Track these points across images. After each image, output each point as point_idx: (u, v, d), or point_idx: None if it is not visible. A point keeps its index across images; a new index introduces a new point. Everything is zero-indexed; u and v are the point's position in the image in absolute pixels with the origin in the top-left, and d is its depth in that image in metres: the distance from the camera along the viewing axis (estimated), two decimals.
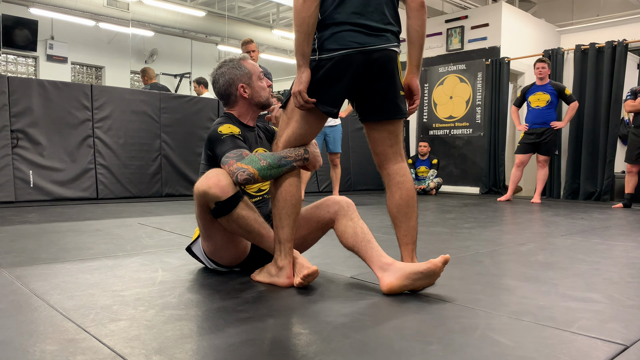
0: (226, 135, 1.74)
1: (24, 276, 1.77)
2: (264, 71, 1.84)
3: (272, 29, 11.54)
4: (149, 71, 6.44)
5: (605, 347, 1.17)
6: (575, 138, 6.31)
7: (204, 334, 1.21)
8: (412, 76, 1.76)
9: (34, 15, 9.57)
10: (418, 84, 1.78)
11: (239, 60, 1.90)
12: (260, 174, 1.63)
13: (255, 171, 1.63)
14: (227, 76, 1.87)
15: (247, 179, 1.63)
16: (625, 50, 5.94)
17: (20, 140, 4.47)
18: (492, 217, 4.01)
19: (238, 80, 1.87)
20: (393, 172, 1.73)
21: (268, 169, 1.64)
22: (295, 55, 1.60)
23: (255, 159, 1.65)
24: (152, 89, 5.93)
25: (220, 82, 1.88)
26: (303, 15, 1.56)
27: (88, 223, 3.23)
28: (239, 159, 1.66)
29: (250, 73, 1.88)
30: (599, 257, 2.31)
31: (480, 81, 7.14)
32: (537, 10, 8.96)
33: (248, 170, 1.63)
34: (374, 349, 1.13)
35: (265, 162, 1.65)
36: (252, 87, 1.87)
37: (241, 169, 1.63)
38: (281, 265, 1.67)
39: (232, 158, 1.66)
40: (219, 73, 1.89)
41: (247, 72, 1.88)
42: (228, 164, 1.65)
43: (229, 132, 1.76)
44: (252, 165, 1.63)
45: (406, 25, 1.70)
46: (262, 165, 1.64)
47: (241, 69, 1.87)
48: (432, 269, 1.54)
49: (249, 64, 1.90)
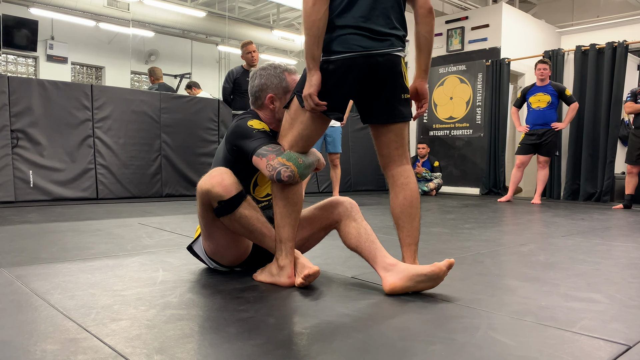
0: (258, 130, 1.68)
1: (25, 276, 1.76)
2: None
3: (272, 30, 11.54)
4: (156, 71, 6.41)
5: (608, 347, 1.17)
6: (576, 139, 6.31)
7: (205, 334, 1.21)
8: (420, 80, 1.76)
9: (34, 15, 9.56)
10: (426, 88, 1.78)
11: (283, 71, 1.80)
12: (299, 172, 1.59)
13: (296, 169, 1.58)
14: (264, 79, 1.79)
15: (290, 176, 1.57)
16: (626, 51, 5.94)
17: (20, 140, 4.46)
18: (493, 218, 4.01)
19: (271, 89, 1.78)
20: (397, 173, 1.73)
21: (304, 167, 1.61)
22: (306, 58, 1.59)
23: (294, 156, 1.59)
24: (159, 89, 5.93)
25: (256, 82, 1.81)
26: (313, 19, 1.55)
27: (88, 223, 3.23)
28: (279, 153, 1.60)
29: (288, 89, 1.78)
30: (599, 258, 2.31)
31: (480, 82, 7.14)
32: (538, 11, 8.97)
33: (291, 168, 1.57)
34: (375, 348, 1.13)
35: (302, 160, 1.61)
36: (282, 103, 1.77)
37: (284, 165, 1.57)
38: (282, 264, 1.66)
39: (271, 152, 1.60)
40: (259, 73, 1.81)
41: (285, 86, 1.78)
42: (268, 157, 1.59)
43: (261, 127, 1.70)
44: (293, 163, 1.58)
45: (414, 31, 1.71)
46: (300, 163, 1.60)
47: (280, 80, 1.78)
48: (436, 272, 1.53)
49: (291, 79, 1.79)
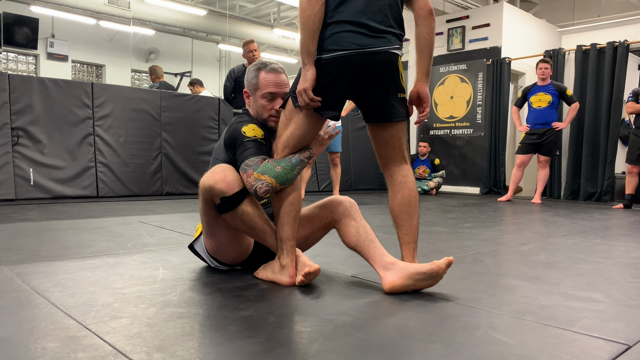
0: (249, 140, 1.70)
1: (25, 273, 1.76)
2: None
3: (273, 28, 11.53)
4: (157, 69, 6.41)
5: (608, 346, 1.17)
6: (576, 139, 6.30)
7: (206, 332, 1.21)
8: (421, 83, 1.73)
9: (34, 13, 9.57)
10: (427, 91, 1.75)
11: (259, 69, 1.81)
12: (278, 182, 1.61)
13: (273, 180, 1.61)
14: (246, 75, 1.86)
15: (267, 191, 1.61)
16: (627, 51, 5.93)
17: (21, 138, 4.46)
18: (493, 217, 4.01)
19: (245, 85, 1.85)
20: (395, 172, 1.73)
21: (284, 174, 1.62)
22: (301, 53, 1.59)
23: (270, 167, 1.62)
24: (160, 87, 5.92)
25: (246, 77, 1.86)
26: (308, 14, 1.55)
27: (88, 221, 3.23)
28: (255, 167, 1.63)
29: (257, 87, 1.80)
30: (600, 257, 2.31)
31: (481, 81, 7.13)
32: (538, 10, 8.96)
33: (266, 182, 1.60)
34: (375, 347, 1.13)
35: (280, 167, 1.63)
36: (254, 99, 1.82)
37: (259, 181, 1.60)
38: (284, 263, 1.66)
39: (250, 167, 1.63)
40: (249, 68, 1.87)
41: (255, 83, 1.80)
42: (247, 173, 1.63)
43: (253, 136, 1.71)
44: (269, 175, 1.61)
45: (415, 33, 1.69)
46: (277, 172, 1.62)
47: (252, 77, 1.82)
48: (435, 271, 1.53)
49: (263, 79, 1.79)
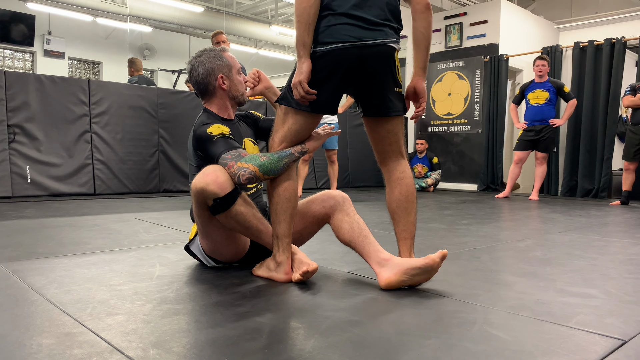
0: (218, 137, 1.70)
1: (21, 270, 1.76)
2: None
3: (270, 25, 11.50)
4: (136, 62, 6.27)
5: (603, 341, 1.17)
6: (573, 135, 6.31)
7: (202, 328, 1.21)
8: (417, 78, 1.72)
9: (31, 10, 9.51)
10: (424, 86, 1.74)
11: (220, 51, 1.86)
12: (261, 170, 1.61)
13: (256, 168, 1.60)
14: (207, 65, 1.81)
15: (249, 178, 1.60)
16: (624, 48, 5.94)
17: (17, 135, 4.45)
18: (490, 214, 4.01)
19: (218, 70, 1.82)
20: (393, 168, 1.73)
21: (268, 163, 1.62)
22: (296, 45, 1.58)
23: (255, 157, 1.63)
24: (139, 81, 5.81)
25: (200, 71, 1.82)
26: (304, 5, 1.54)
27: (85, 218, 3.22)
28: (238, 159, 1.63)
29: (231, 65, 1.85)
30: (596, 254, 2.31)
31: (478, 78, 7.14)
32: (536, 7, 8.95)
33: (249, 169, 1.60)
34: (371, 343, 1.13)
35: (265, 157, 1.63)
36: (231, 79, 1.84)
37: (242, 168, 1.60)
38: (279, 260, 1.66)
39: (230, 159, 1.63)
40: (198, 61, 1.82)
41: (228, 63, 1.84)
42: (228, 165, 1.62)
43: (220, 133, 1.71)
44: (252, 163, 1.61)
45: (412, 28, 1.68)
46: (262, 161, 1.62)
47: (222, 60, 1.84)
48: (429, 265, 1.53)
49: (229, 57, 1.86)
